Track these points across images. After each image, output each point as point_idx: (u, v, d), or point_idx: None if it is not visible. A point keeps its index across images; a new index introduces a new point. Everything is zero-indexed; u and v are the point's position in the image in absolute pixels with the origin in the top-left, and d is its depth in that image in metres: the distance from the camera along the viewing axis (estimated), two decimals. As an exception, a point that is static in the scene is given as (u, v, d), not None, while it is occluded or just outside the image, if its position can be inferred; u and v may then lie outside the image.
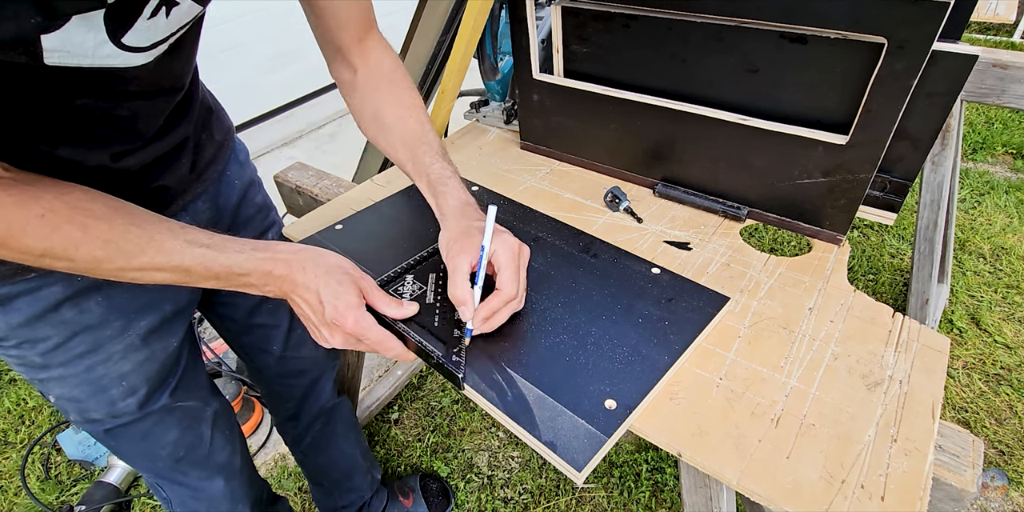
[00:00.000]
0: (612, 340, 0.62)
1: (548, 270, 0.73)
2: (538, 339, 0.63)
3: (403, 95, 0.72)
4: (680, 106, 0.81)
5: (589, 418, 0.54)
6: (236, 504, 0.86)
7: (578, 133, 0.97)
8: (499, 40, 1.13)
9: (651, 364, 0.59)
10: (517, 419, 0.55)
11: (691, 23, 0.75)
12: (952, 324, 1.63)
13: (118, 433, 0.70)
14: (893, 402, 0.57)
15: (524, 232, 0.80)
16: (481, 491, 1.31)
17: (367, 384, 1.55)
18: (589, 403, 0.55)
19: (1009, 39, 3.43)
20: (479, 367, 0.60)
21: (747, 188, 0.83)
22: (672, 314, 0.65)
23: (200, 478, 0.81)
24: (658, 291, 0.68)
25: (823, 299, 0.70)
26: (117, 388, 0.66)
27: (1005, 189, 2.18)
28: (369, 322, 0.57)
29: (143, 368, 0.68)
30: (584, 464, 0.51)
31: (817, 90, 0.71)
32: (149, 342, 0.68)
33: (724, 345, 0.64)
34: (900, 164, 0.75)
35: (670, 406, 0.58)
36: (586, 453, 0.51)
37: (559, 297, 0.68)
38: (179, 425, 0.74)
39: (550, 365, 0.60)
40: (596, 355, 0.60)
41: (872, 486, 0.50)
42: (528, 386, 0.58)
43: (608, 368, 0.59)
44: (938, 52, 0.63)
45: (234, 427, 0.86)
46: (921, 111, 0.68)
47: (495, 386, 0.58)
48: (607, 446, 0.52)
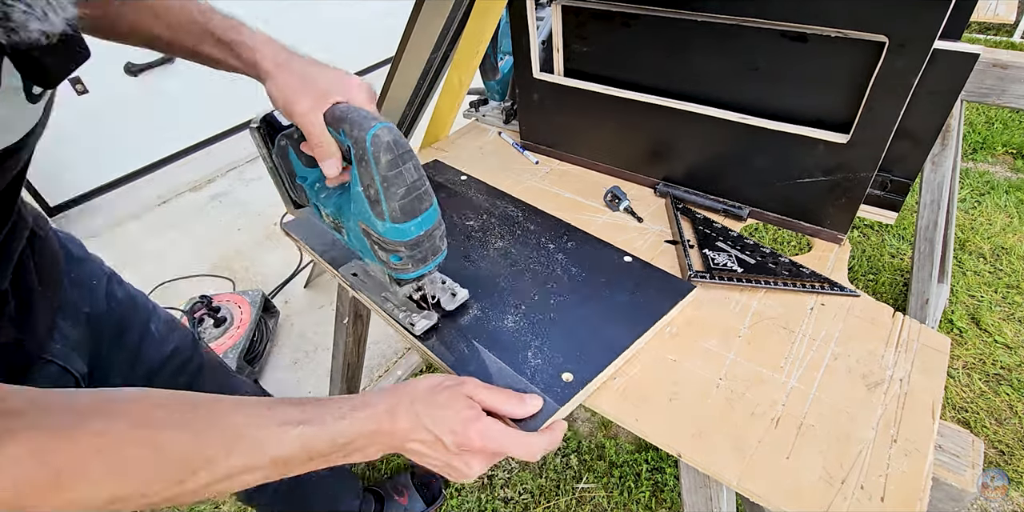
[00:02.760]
0: (577, 319, 0.65)
1: (523, 250, 0.77)
2: (505, 315, 0.67)
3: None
4: (680, 105, 0.81)
5: (546, 388, 0.57)
6: None
7: (578, 132, 0.97)
8: (499, 39, 1.13)
9: (611, 343, 0.62)
10: None
11: (692, 22, 0.75)
12: (952, 324, 1.63)
13: None
14: (893, 402, 0.57)
15: (504, 214, 0.85)
16: (481, 491, 1.31)
17: (367, 384, 1.54)
18: (548, 374, 0.59)
19: (1009, 39, 3.43)
20: (447, 339, 0.64)
21: (747, 187, 0.83)
22: (637, 298, 0.68)
23: None
24: (627, 277, 0.71)
25: (823, 299, 0.69)
26: None
27: (1005, 189, 2.18)
28: (497, 429, 0.48)
29: None
30: (534, 429, 0.53)
31: (818, 89, 0.71)
32: None
33: (724, 345, 0.64)
34: (901, 163, 0.75)
35: (670, 406, 0.58)
36: (538, 420, 0.54)
37: (530, 276, 0.72)
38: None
39: (515, 339, 0.63)
40: (560, 332, 0.64)
41: (872, 486, 0.50)
42: (492, 358, 0.61)
43: (570, 345, 0.62)
44: (939, 50, 0.62)
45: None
46: (922, 110, 0.68)
47: (460, 355, 0.62)
48: (559, 414, 0.55)
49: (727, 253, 0.76)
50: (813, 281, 0.71)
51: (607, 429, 1.43)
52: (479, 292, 0.70)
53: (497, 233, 0.81)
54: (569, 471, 1.34)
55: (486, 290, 0.70)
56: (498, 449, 0.48)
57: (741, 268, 0.73)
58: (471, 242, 0.79)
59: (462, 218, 0.85)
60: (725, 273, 0.72)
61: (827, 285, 0.71)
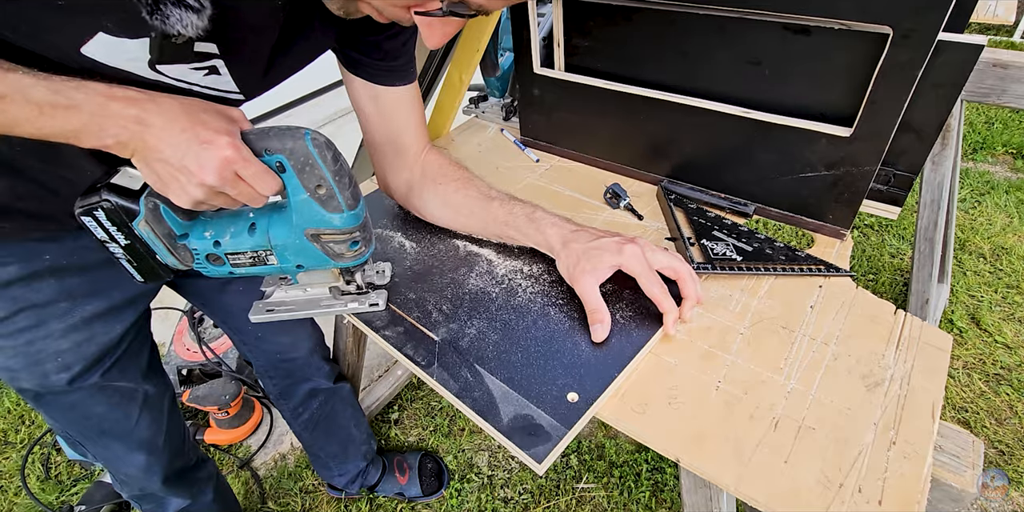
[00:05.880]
0: (579, 333, 0.64)
1: (520, 266, 0.76)
2: (506, 335, 0.65)
3: (456, 174, 0.79)
4: (682, 99, 0.81)
5: (552, 411, 0.56)
6: (151, 476, 0.88)
7: (579, 129, 0.97)
8: (499, 36, 1.12)
9: (614, 356, 0.61)
10: (483, 415, 0.57)
11: (694, 15, 0.74)
12: (952, 324, 1.62)
13: (47, 400, 0.73)
14: (893, 403, 0.56)
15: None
16: (481, 491, 1.31)
17: (367, 384, 1.54)
18: (553, 397, 0.57)
19: (1009, 39, 3.42)
20: (448, 363, 0.62)
21: (749, 182, 0.82)
22: (639, 307, 0.67)
23: (122, 451, 0.83)
24: (627, 284, 0.69)
25: (824, 297, 0.69)
26: (52, 363, 0.68)
27: (1005, 189, 2.18)
28: (248, 150, 0.49)
29: (81, 348, 0.69)
30: (544, 456, 0.52)
31: (821, 82, 0.71)
32: (92, 325, 0.69)
33: (724, 347, 0.64)
34: (904, 157, 0.74)
35: (669, 410, 0.57)
36: (547, 445, 0.53)
37: (528, 292, 0.71)
38: (107, 402, 0.76)
39: (516, 361, 0.62)
40: (561, 349, 0.63)
41: (870, 490, 0.49)
42: (495, 382, 0.60)
43: (572, 362, 0.61)
44: (943, 42, 0.62)
45: (167, 411, 0.86)
46: (926, 103, 0.68)
47: (463, 382, 0.60)
48: (567, 439, 0.54)
49: (724, 242, 0.76)
50: (810, 264, 0.73)
51: (607, 429, 1.43)
52: (477, 310, 0.69)
53: (494, 244, 0.80)
54: (569, 471, 1.34)
55: (484, 307, 0.69)
56: (240, 163, 0.48)
57: (740, 256, 0.74)
58: (470, 253, 0.79)
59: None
60: (726, 263, 0.73)
61: (824, 267, 0.72)
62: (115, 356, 0.74)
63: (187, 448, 0.95)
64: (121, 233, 0.53)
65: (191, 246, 0.57)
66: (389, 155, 0.78)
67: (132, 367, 0.78)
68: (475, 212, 0.76)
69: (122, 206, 0.51)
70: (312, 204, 0.53)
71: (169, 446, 0.87)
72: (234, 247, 0.57)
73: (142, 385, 0.80)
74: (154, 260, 0.56)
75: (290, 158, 0.50)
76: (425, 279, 0.75)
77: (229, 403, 1.35)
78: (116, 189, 0.51)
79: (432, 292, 0.72)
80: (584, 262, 0.64)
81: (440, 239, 0.82)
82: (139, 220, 0.52)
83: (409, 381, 1.57)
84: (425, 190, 0.79)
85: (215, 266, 0.59)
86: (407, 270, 0.76)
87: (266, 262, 0.59)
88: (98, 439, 0.80)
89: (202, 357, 1.43)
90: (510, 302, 0.70)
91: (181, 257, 0.57)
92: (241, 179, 0.49)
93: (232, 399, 1.35)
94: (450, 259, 0.78)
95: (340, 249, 0.57)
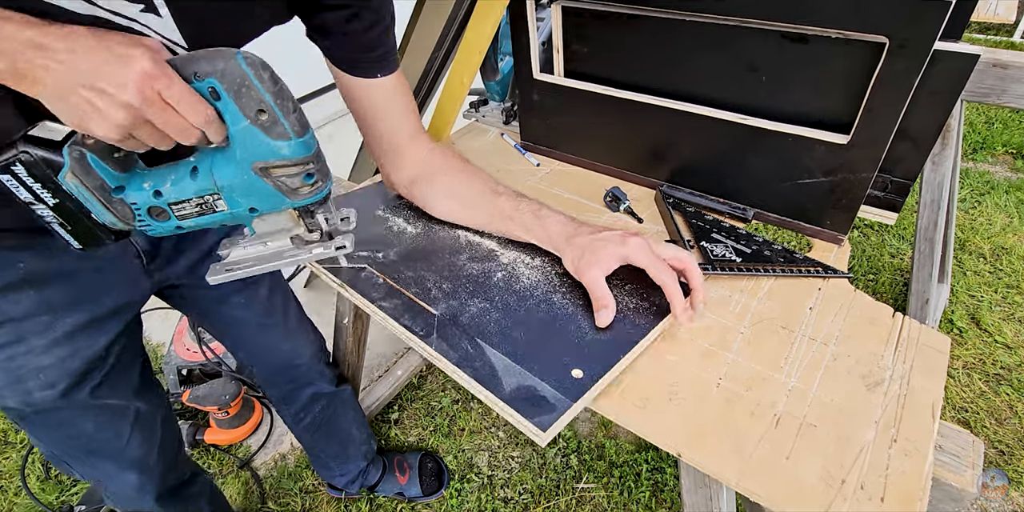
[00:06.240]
0: (581, 318, 0.65)
1: (524, 256, 0.76)
2: (508, 314, 0.66)
3: (459, 166, 0.78)
4: (680, 106, 0.81)
5: (557, 385, 0.56)
6: (144, 496, 0.85)
7: (578, 133, 0.97)
8: (499, 41, 1.13)
9: (619, 340, 0.62)
10: (484, 383, 0.57)
11: (692, 23, 0.75)
12: (952, 324, 1.63)
13: (32, 419, 0.69)
14: (893, 402, 0.57)
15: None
16: (481, 491, 1.31)
17: (367, 384, 1.54)
18: (557, 371, 0.58)
19: (1009, 39, 3.43)
20: (448, 335, 0.63)
21: (748, 188, 0.83)
22: (643, 297, 0.67)
23: (112, 471, 0.80)
24: (632, 275, 0.69)
25: (823, 298, 0.69)
26: (34, 380, 0.65)
27: (1005, 189, 2.18)
28: (171, 69, 0.43)
29: (64, 363, 0.66)
30: (549, 425, 0.52)
31: (818, 90, 0.71)
32: (75, 339, 0.66)
33: (724, 345, 0.64)
34: (901, 164, 0.75)
35: (670, 406, 0.58)
36: (552, 415, 0.53)
37: (530, 279, 0.71)
38: (96, 420, 0.73)
39: (519, 337, 0.62)
40: (565, 331, 0.63)
41: (872, 487, 0.50)
42: (497, 355, 0.60)
43: (577, 343, 0.61)
44: (939, 51, 0.62)
45: (160, 427, 0.83)
46: (922, 111, 0.68)
47: (462, 352, 0.60)
48: (573, 411, 0.54)
49: (723, 244, 0.77)
50: (808, 266, 0.73)
51: (607, 429, 1.43)
52: (478, 292, 0.69)
53: (496, 236, 0.80)
54: (569, 471, 1.34)
55: (485, 289, 0.70)
56: (163, 81, 0.42)
57: (739, 258, 0.74)
58: (471, 242, 0.79)
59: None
60: (726, 264, 0.73)
61: (821, 269, 0.73)
62: (103, 371, 0.71)
63: (180, 462, 0.92)
64: (47, 190, 0.47)
65: (129, 200, 0.51)
66: (388, 151, 0.77)
67: (123, 384, 0.75)
68: (481, 205, 0.75)
69: (43, 157, 0.45)
70: (255, 132, 0.47)
71: (162, 463, 0.85)
72: (177, 195, 0.51)
73: (134, 402, 0.77)
74: (90, 220, 0.50)
75: (223, 81, 0.44)
76: (425, 259, 0.74)
77: (229, 403, 1.35)
78: (34, 140, 0.45)
79: (432, 272, 0.72)
80: (589, 255, 0.64)
81: (442, 227, 0.82)
82: (65, 172, 0.46)
83: (409, 381, 1.57)
84: (432, 180, 0.79)
85: (159, 221, 0.53)
86: (406, 249, 0.76)
87: (215, 208, 0.52)
88: (86, 458, 0.77)
89: (202, 357, 1.43)
90: (512, 287, 0.70)
91: (120, 213, 0.51)
92: (167, 103, 0.42)
93: (232, 399, 1.35)
94: (451, 244, 0.78)
95: (294, 183, 0.50)
